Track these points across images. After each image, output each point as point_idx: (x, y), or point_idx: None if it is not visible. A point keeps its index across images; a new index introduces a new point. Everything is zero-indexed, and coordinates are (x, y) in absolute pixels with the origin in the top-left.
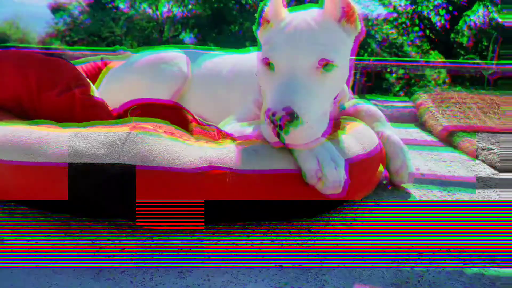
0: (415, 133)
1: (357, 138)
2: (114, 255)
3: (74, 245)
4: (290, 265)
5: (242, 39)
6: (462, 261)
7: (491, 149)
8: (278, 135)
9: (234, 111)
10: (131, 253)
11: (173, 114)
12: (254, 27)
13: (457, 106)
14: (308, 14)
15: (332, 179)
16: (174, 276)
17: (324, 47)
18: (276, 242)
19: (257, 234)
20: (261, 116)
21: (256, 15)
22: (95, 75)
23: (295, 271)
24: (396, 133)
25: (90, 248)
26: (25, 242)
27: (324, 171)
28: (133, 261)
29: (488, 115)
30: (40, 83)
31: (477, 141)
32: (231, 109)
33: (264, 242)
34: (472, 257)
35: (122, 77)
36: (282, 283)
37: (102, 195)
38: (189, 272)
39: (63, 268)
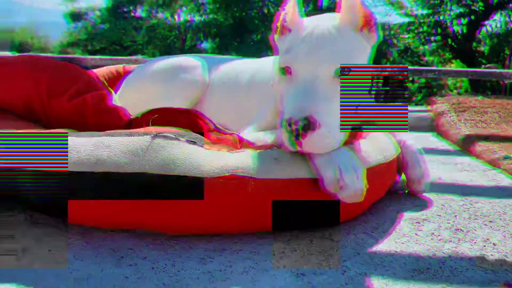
0: (435, 141)
1: (377, 146)
2: None
3: None
4: None
5: (264, 47)
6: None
7: (509, 158)
8: (299, 143)
9: (253, 118)
10: None
11: (193, 122)
12: (275, 36)
13: (478, 114)
14: (327, 22)
15: (353, 188)
16: (196, 262)
17: (345, 55)
18: None
19: None
20: (280, 124)
21: (278, 24)
22: (114, 80)
23: (318, 257)
24: (416, 141)
25: None
26: None
27: (345, 180)
28: None
29: (510, 123)
30: (51, 88)
31: (498, 150)
32: (251, 116)
33: None
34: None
35: (140, 84)
36: (303, 269)
37: None
38: (210, 259)
39: (84, 253)
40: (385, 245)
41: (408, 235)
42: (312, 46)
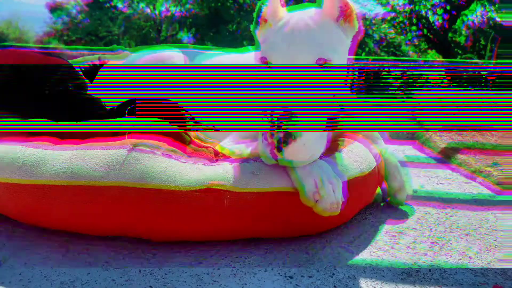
0: (412, 154)
1: (354, 159)
2: None
3: None
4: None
5: (240, 38)
6: None
7: (489, 171)
8: (275, 156)
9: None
10: None
11: (172, 136)
12: (252, 27)
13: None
14: (306, 14)
15: (330, 201)
16: (183, 266)
17: (322, 46)
18: None
19: None
20: (259, 137)
21: (254, 15)
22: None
23: (305, 259)
24: (395, 153)
25: None
26: None
27: (322, 193)
28: None
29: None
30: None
31: (475, 162)
32: None
33: None
34: None
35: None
36: (291, 272)
37: None
38: (198, 262)
39: (62, 266)
40: (361, 259)
41: (383, 248)
42: (288, 37)
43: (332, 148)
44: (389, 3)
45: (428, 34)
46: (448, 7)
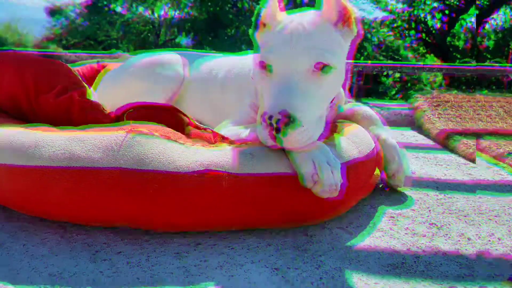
0: (411, 136)
1: (354, 141)
2: None
3: None
4: None
5: (238, 42)
6: None
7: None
8: (274, 138)
9: (230, 114)
10: None
11: (170, 117)
12: (250, 31)
13: (453, 109)
14: (304, 17)
15: (328, 183)
16: (171, 257)
17: (321, 50)
18: None
19: None
20: (258, 119)
21: (253, 18)
22: (92, 77)
23: (293, 252)
24: (393, 136)
25: None
26: None
27: (320, 175)
28: None
29: (484, 118)
30: (37, 85)
31: (473, 144)
32: (227, 111)
33: None
34: None
35: (119, 80)
36: (278, 264)
37: None
38: (185, 253)
39: (59, 248)
40: (360, 240)
41: (383, 229)
42: (287, 40)
43: (331, 131)
44: (387, 7)
45: (427, 38)
46: (446, 11)
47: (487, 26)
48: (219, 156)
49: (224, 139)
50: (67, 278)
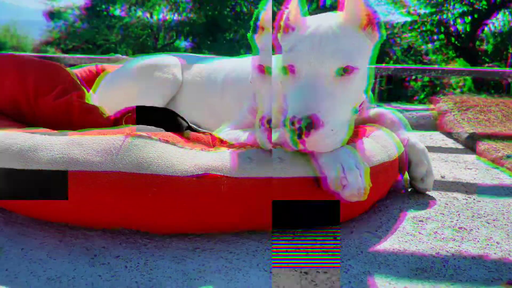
0: (440, 140)
1: (382, 144)
2: None
3: None
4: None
5: (237, 46)
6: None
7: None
8: (302, 142)
9: (229, 117)
10: None
11: (168, 120)
12: (249, 34)
13: (482, 113)
14: (332, 21)
15: (357, 186)
16: (169, 261)
17: (349, 54)
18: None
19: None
20: (256, 123)
21: (251, 22)
22: (91, 80)
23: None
24: (420, 139)
25: None
26: None
27: (348, 178)
28: None
29: None
30: (37, 87)
31: (502, 149)
32: (225, 115)
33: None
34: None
35: (117, 83)
36: (306, 267)
37: None
38: (184, 257)
39: (58, 252)
40: (388, 244)
41: (411, 233)
42: (316, 44)
43: (359, 134)
44: (415, 11)
45: (456, 42)
46: (475, 16)
47: (486, 29)
48: (218, 160)
49: (222, 142)
50: (65, 282)
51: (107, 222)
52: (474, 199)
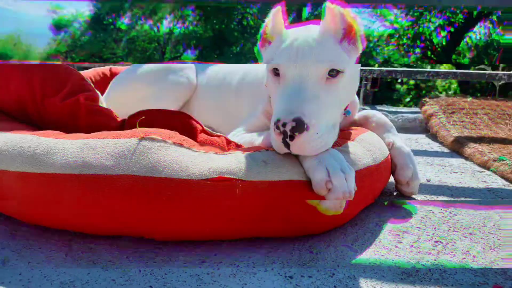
0: (426, 143)
1: (368, 149)
2: None
3: None
4: None
5: (244, 59)
6: None
7: (503, 160)
8: (287, 145)
9: (243, 121)
10: None
11: (182, 124)
12: (256, 48)
13: (468, 116)
14: (309, 34)
15: (342, 190)
16: (182, 266)
17: (333, 57)
18: None
19: None
20: (271, 126)
21: (258, 36)
22: (102, 82)
23: (308, 258)
24: (406, 143)
25: None
26: None
27: (334, 182)
28: None
29: (499, 125)
30: (44, 88)
31: (489, 152)
32: (239, 118)
33: None
34: None
35: (127, 86)
36: (292, 272)
37: None
38: (201, 262)
39: (64, 265)
40: (365, 258)
41: (387, 247)
42: (299, 49)
43: (344, 137)
44: (393, 24)
45: (432, 56)
46: (452, 29)
47: (463, 43)
48: (232, 163)
49: (237, 146)
50: (79, 286)
51: (120, 226)
52: (450, 213)
